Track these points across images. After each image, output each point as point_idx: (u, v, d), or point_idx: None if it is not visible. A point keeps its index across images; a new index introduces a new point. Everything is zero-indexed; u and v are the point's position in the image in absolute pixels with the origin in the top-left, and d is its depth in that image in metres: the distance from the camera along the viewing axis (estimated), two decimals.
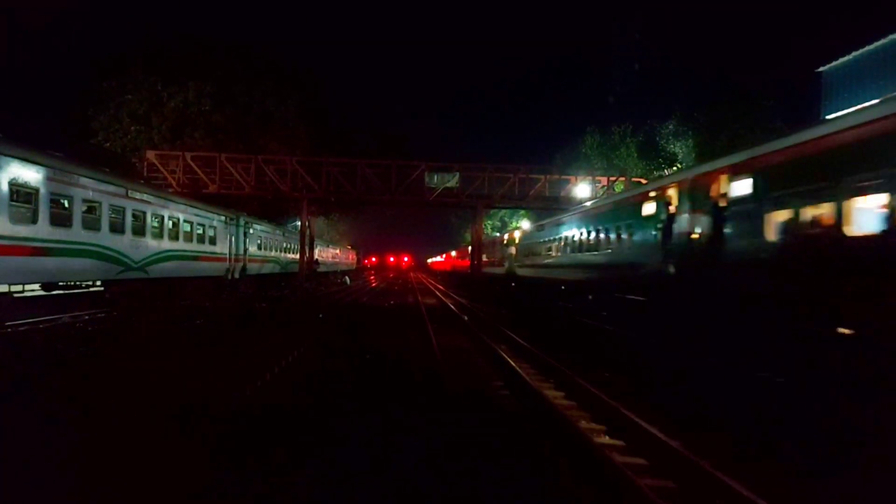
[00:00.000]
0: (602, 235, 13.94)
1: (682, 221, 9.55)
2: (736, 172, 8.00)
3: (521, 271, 24.47)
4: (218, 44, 33.51)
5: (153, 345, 10.79)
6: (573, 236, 16.53)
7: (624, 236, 12.37)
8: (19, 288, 11.87)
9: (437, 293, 33.31)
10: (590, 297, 14.69)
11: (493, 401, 7.48)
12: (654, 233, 10.71)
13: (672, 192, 10.04)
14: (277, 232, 31.02)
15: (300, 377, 8.31)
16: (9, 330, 11.20)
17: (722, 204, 8.26)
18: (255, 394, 7.08)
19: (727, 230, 8.11)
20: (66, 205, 12.33)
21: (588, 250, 15.00)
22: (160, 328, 13.03)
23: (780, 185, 7.08)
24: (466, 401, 7.08)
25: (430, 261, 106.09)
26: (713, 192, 8.54)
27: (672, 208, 9.98)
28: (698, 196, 9.06)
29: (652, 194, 11.12)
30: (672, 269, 9.84)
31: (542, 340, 11.76)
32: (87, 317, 14.08)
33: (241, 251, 24.16)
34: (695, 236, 9.08)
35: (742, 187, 7.78)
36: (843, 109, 16.75)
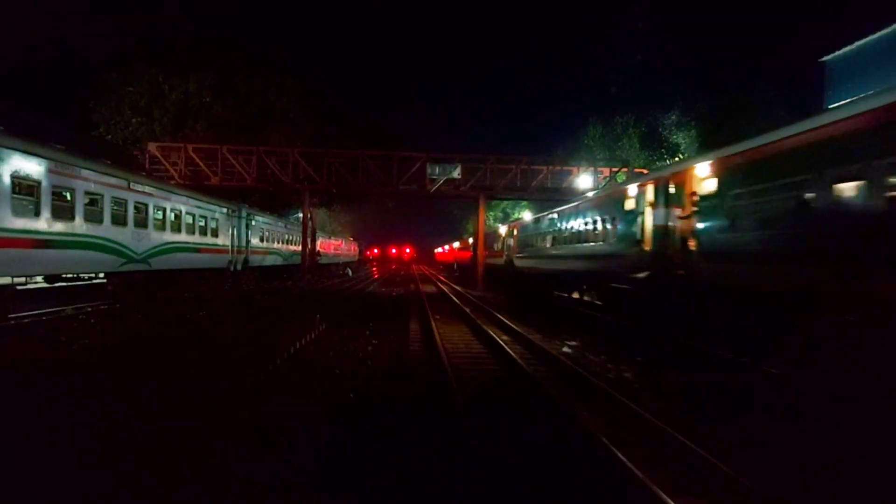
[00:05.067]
0: None
1: None
2: None
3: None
4: (219, 35, 33.41)
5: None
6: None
7: None
8: (22, 280, 11.96)
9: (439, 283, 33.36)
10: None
11: None
12: None
13: None
14: (279, 224, 31.06)
15: None
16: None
17: None
18: None
19: None
20: (69, 197, 12.39)
21: None
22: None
23: None
24: None
25: (437, 251, 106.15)
26: None
27: None
28: None
29: None
30: None
31: None
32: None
33: (244, 243, 24.24)
34: None
35: None
36: (847, 99, 16.60)
